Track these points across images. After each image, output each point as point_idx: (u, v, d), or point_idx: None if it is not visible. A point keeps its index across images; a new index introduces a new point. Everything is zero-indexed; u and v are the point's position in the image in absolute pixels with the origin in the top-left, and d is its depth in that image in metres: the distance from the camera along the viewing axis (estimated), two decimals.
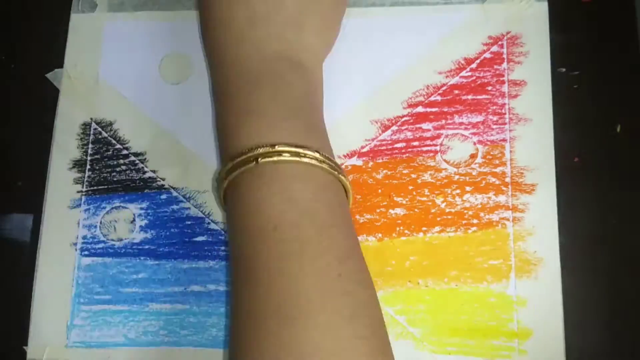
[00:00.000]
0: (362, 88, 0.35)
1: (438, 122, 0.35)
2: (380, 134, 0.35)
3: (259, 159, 0.26)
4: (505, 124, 0.34)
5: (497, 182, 0.34)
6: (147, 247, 0.34)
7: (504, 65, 0.35)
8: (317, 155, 0.27)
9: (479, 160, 0.34)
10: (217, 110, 0.31)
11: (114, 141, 0.36)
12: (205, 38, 0.33)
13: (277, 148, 0.26)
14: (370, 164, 0.34)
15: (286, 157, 0.26)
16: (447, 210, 0.34)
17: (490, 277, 0.33)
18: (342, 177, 0.28)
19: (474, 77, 0.35)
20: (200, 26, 0.33)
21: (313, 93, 0.30)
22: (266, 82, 0.29)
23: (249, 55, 0.29)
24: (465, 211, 0.34)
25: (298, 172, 0.27)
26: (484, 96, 0.35)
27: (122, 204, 0.35)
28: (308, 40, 0.30)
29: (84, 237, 0.35)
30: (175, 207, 0.35)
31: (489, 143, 0.34)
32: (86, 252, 0.35)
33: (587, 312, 0.32)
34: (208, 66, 0.32)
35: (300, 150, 0.27)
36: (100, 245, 0.35)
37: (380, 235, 0.34)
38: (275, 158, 0.26)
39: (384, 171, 0.34)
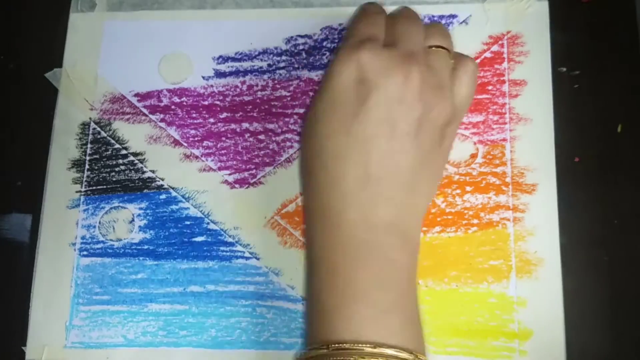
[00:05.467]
0: None
1: None
2: None
3: (357, 359, 0.25)
4: (505, 123, 0.34)
5: (498, 182, 0.34)
6: (146, 247, 0.34)
7: (505, 64, 0.35)
8: (414, 357, 0.25)
9: (479, 160, 0.34)
10: (313, 278, 0.29)
11: (112, 141, 0.36)
12: (309, 194, 0.30)
13: (380, 350, 0.25)
14: None
15: None
16: (448, 210, 0.34)
17: (491, 277, 0.33)
18: None
19: None
20: (305, 187, 0.31)
21: (414, 265, 0.29)
22: (372, 259, 0.27)
23: (357, 221, 0.27)
24: (466, 211, 0.33)
25: None
26: (484, 96, 0.35)
27: (121, 204, 0.35)
28: (416, 201, 0.29)
29: (83, 237, 0.35)
30: (174, 207, 0.35)
31: (489, 143, 0.34)
32: (85, 252, 0.34)
33: (587, 312, 0.32)
34: (307, 229, 0.30)
35: (403, 356, 0.25)
36: (99, 246, 0.35)
37: None
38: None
39: None
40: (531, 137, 0.34)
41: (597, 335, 0.32)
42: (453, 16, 0.36)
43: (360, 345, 0.25)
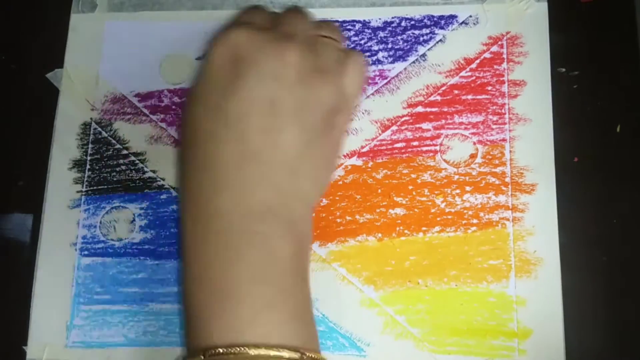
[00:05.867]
0: None
1: (438, 122, 0.35)
2: (380, 134, 0.35)
3: None
4: (505, 123, 0.34)
5: (497, 182, 0.34)
6: (146, 247, 0.34)
7: (504, 65, 0.35)
8: (300, 357, 0.24)
9: (478, 160, 0.34)
10: (186, 277, 0.26)
11: (113, 141, 0.36)
12: (182, 184, 0.27)
13: (258, 352, 0.23)
14: (370, 163, 0.34)
15: None
16: (447, 210, 0.34)
17: (490, 277, 0.33)
18: None
19: (474, 77, 0.35)
20: (179, 177, 0.27)
21: (301, 256, 0.27)
22: (248, 250, 0.25)
23: (231, 208, 0.25)
24: (465, 211, 0.34)
25: None
26: (483, 96, 0.35)
27: (121, 204, 0.35)
28: (301, 187, 0.27)
29: (84, 237, 0.35)
30: (175, 207, 0.35)
31: (488, 143, 0.34)
32: (86, 252, 0.35)
33: (586, 311, 0.32)
34: (180, 225, 0.27)
35: (284, 355, 0.23)
36: (100, 245, 0.35)
37: (380, 235, 0.34)
38: None
39: (384, 171, 0.34)
40: (530, 137, 0.34)
41: (596, 335, 0.32)
42: (453, 17, 0.36)
43: (237, 348, 0.23)
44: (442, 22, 0.36)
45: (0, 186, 0.37)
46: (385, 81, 0.35)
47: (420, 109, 0.35)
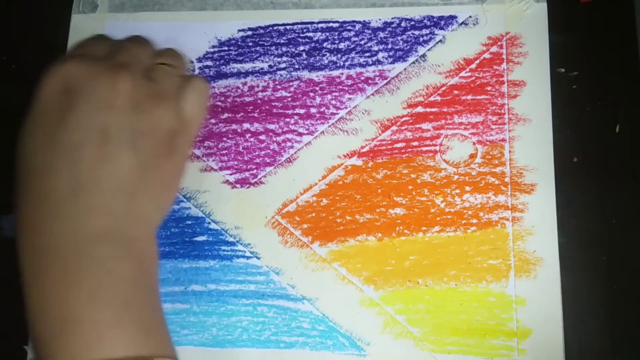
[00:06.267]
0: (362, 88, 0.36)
1: (437, 122, 0.35)
2: (380, 134, 0.35)
3: None
4: (504, 124, 0.34)
5: (497, 182, 0.34)
6: None
7: (504, 65, 0.35)
8: None
9: (478, 160, 0.34)
10: (28, 308, 0.26)
11: None
12: (17, 217, 0.27)
13: None
14: (370, 164, 0.35)
15: None
16: (447, 210, 0.34)
17: (490, 276, 0.33)
18: None
19: (474, 78, 0.35)
20: (16, 213, 0.27)
21: (144, 273, 0.27)
22: (86, 274, 0.24)
23: (65, 236, 0.25)
24: (465, 211, 0.34)
25: None
26: (483, 96, 0.35)
27: None
28: (140, 210, 0.27)
29: None
30: (175, 206, 0.35)
31: (488, 143, 0.34)
32: None
33: (586, 311, 0.32)
34: (20, 261, 0.26)
35: None
36: None
37: (380, 235, 0.34)
38: None
39: (384, 171, 0.34)
40: (530, 137, 0.34)
41: (595, 334, 0.32)
42: (452, 17, 0.36)
43: None
44: (442, 22, 0.36)
45: (0, 186, 0.37)
46: (385, 81, 0.35)
47: (420, 109, 0.35)
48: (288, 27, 0.37)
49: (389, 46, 0.36)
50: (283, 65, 0.36)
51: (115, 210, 0.26)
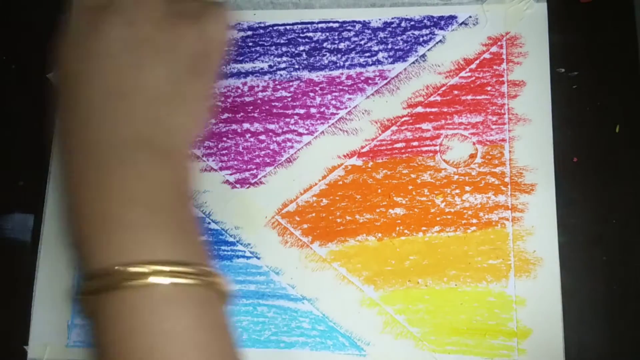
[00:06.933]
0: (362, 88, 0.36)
1: (437, 122, 0.35)
2: (380, 134, 0.35)
3: (123, 283, 0.23)
4: (504, 124, 0.34)
5: (497, 182, 0.34)
6: None
7: (503, 65, 0.35)
8: (188, 269, 0.24)
9: (478, 160, 0.34)
10: (65, 208, 0.26)
11: None
12: (57, 121, 0.28)
13: (143, 269, 0.23)
14: (370, 164, 0.35)
15: (154, 280, 0.23)
16: (447, 210, 0.34)
17: (490, 276, 0.33)
18: (219, 284, 0.26)
19: (474, 78, 0.35)
20: (57, 125, 0.28)
21: (180, 181, 0.27)
22: (119, 178, 0.25)
23: (100, 140, 0.25)
24: (465, 211, 0.34)
25: (170, 295, 0.24)
26: (483, 96, 0.35)
27: None
28: (174, 120, 0.27)
29: None
30: None
31: (488, 143, 0.34)
32: None
33: (586, 311, 0.32)
34: (61, 168, 0.27)
35: (169, 269, 0.23)
36: None
37: (380, 235, 0.34)
38: (141, 281, 0.23)
39: (384, 171, 0.34)
40: (530, 137, 0.34)
41: (595, 334, 0.32)
42: (452, 17, 0.36)
43: (123, 266, 0.23)
44: (442, 22, 0.36)
45: (0, 186, 0.37)
46: (385, 81, 0.35)
47: (420, 109, 0.35)
48: (288, 27, 0.37)
49: (389, 46, 0.36)
50: (283, 65, 0.36)
51: (148, 118, 0.26)
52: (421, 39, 0.36)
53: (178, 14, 0.28)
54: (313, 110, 0.36)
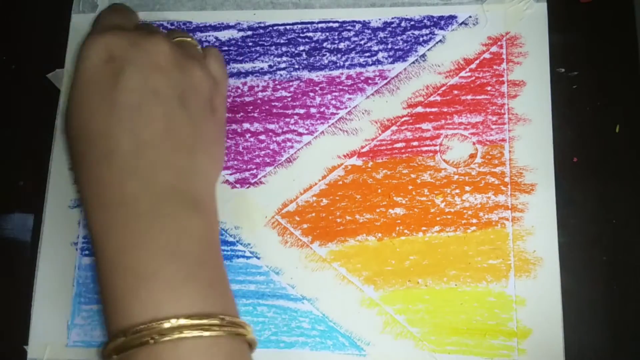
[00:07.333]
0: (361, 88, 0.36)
1: (437, 122, 0.35)
2: (379, 134, 0.35)
3: (156, 338, 0.23)
4: (504, 124, 0.34)
5: (497, 182, 0.34)
6: None
7: (503, 65, 0.35)
8: (221, 321, 0.24)
9: (478, 160, 0.34)
10: (99, 263, 0.26)
11: None
12: (81, 178, 0.27)
13: (178, 322, 0.23)
14: (370, 163, 0.35)
15: (188, 334, 0.23)
16: (447, 210, 0.34)
17: (490, 276, 0.33)
18: (245, 334, 0.26)
19: (474, 78, 0.35)
20: (79, 179, 0.27)
21: (210, 230, 0.28)
22: (158, 232, 0.25)
23: (136, 194, 0.26)
24: (465, 211, 0.34)
25: (202, 348, 0.24)
26: (483, 96, 0.35)
27: None
28: (200, 166, 0.28)
29: (85, 237, 0.35)
30: None
31: (488, 143, 0.34)
32: (87, 252, 0.35)
33: (586, 311, 0.32)
34: (88, 221, 0.27)
35: (204, 322, 0.24)
36: None
37: (380, 234, 0.34)
38: (176, 336, 0.23)
39: (384, 171, 0.34)
40: (530, 137, 0.34)
41: (595, 334, 0.32)
42: (452, 17, 0.36)
43: (158, 322, 0.23)
44: (442, 22, 0.36)
45: (0, 186, 0.37)
46: (385, 81, 0.35)
47: (420, 109, 0.35)
48: (288, 27, 0.37)
49: (389, 46, 0.36)
50: (283, 65, 0.36)
51: (178, 166, 0.27)
52: (421, 39, 0.36)
53: (184, 56, 0.29)
54: (313, 110, 0.36)
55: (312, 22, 0.37)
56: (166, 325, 0.23)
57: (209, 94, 0.30)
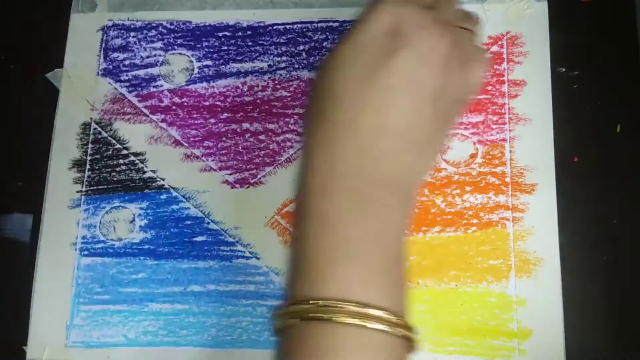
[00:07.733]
0: None
1: None
2: None
3: (340, 318, 0.23)
4: (505, 123, 0.34)
5: (497, 182, 0.34)
6: (146, 247, 0.34)
7: (504, 65, 0.35)
8: (405, 323, 0.24)
9: (478, 160, 0.34)
10: (301, 231, 0.26)
11: (113, 141, 0.36)
12: (312, 141, 0.27)
13: (364, 310, 0.23)
14: None
15: (372, 325, 0.23)
16: (447, 210, 0.34)
17: (490, 277, 0.33)
18: (412, 338, 0.25)
19: None
20: (309, 131, 0.27)
21: (406, 227, 0.28)
22: (369, 216, 0.25)
23: (361, 172, 0.26)
24: (465, 211, 0.34)
25: (381, 344, 0.24)
26: (483, 96, 0.35)
27: (121, 204, 0.35)
28: (421, 167, 0.28)
29: (84, 237, 0.35)
30: (174, 207, 0.35)
31: (488, 143, 0.34)
32: (86, 252, 0.35)
33: (586, 311, 0.32)
34: (301, 173, 0.27)
35: (392, 319, 0.24)
36: (100, 245, 0.35)
37: None
38: (358, 322, 0.23)
39: None
40: (530, 137, 0.34)
41: (596, 335, 0.32)
42: None
43: (346, 303, 0.23)
44: None
45: (0, 186, 0.37)
46: None
47: None
48: (288, 26, 0.37)
49: None
50: (283, 65, 0.36)
51: (405, 161, 0.27)
52: None
53: (459, 60, 0.28)
54: None
55: (312, 22, 0.36)
56: (355, 308, 0.23)
57: (459, 100, 0.29)
